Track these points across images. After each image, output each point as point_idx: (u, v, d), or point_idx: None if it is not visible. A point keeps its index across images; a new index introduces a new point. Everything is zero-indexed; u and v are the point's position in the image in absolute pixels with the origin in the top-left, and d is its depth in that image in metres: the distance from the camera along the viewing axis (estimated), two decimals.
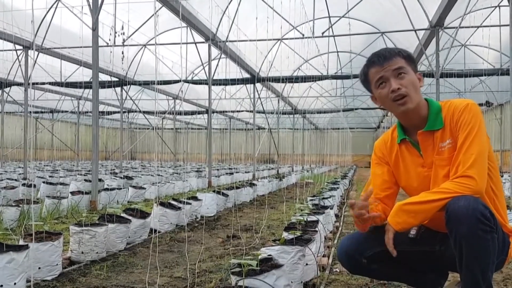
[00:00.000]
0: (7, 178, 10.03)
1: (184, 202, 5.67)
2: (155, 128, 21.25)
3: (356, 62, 15.92)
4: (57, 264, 3.25)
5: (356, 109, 22.35)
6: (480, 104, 17.63)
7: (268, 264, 2.52)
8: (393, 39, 13.67)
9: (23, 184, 7.97)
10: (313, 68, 16.73)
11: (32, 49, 11.93)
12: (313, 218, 4.03)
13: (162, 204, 5.30)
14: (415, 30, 10.98)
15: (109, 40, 11.20)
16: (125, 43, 11.99)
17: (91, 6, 7.06)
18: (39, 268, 3.09)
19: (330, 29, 12.71)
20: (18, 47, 11.98)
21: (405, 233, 2.09)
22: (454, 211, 1.76)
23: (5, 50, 12.59)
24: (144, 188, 8.60)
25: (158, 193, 8.46)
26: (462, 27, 10.78)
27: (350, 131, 29.92)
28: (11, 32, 10.78)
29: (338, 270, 3.47)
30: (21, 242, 3.17)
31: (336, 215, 6.01)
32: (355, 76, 14.21)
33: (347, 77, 15.16)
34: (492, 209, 1.84)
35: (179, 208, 5.44)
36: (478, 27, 11.66)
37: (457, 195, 1.79)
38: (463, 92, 17.48)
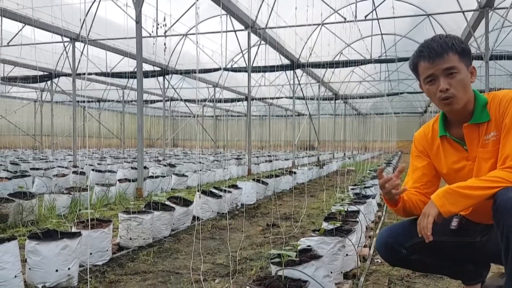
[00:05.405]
0: (58, 166, 10.55)
1: (225, 190, 5.79)
2: (196, 116, 21.60)
3: (401, 45, 15.40)
4: (107, 250, 3.43)
5: (401, 93, 21.57)
6: None
7: (308, 255, 2.55)
8: (440, 21, 13.12)
9: (74, 172, 8.37)
10: (355, 52, 16.37)
11: (79, 40, 12.40)
12: (353, 208, 4.00)
13: (203, 192, 5.44)
14: (463, 12, 10.50)
15: (152, 31, 11.46)
16: (166, 33, 12.21)
17: None
18: (91, 253, 3.27)
19: (374, 11, 12.36)
20: (65, 39, 12.49)
21: (446, 225, 2.06)
22: (503, 202, 1.71)
23: (53, 42, 13.16)
24: (186, 176, 8.82)
25: (200, 180, 8.65)
26: None
27: (395, 116, 29.10)
28: (59, 25, 11.25)
29: (379, 261, 3.45)
30: (74, 229, 3.36)
31: (379, 204, 5.94)
32: (400, 60, 13.76)
33: (391, 60, 14.64)
34: None
35: (220, 196, 5.57)
36: None
37: (509, 184, 1.73)
38: None
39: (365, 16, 12.21)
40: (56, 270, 2.75)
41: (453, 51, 1.86)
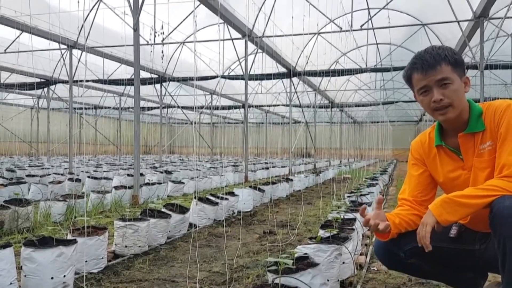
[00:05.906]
0: (54, 173, 10.51)
1: (221, 197, 5.78)
2: (193, 123, 21.62)
3: (397, 54, 15.52)
4: (102, 258, 3.41)
5: (396, 102, 21.77)
6: None
7: (304, 263, 2.55)
8: (435, 31, 13.24)
9: (70, 179, 8.33)
10: (351, 61, 16.47)
11: (77, 48, 12.42)
12: (350, 215, 4.01)
13: (200, 199, 5.42)
14: (458, 22, 10.59)
15: (149, 39, 11.52)
16: (164, 41, 12.26)
17: (132, 7, 7.29)
18: (86, 261, 3.25)
19: (370, 21, 12.46)
20: (63, 46, 12.51)
21: (444, 232, 2.07)
22: (499, 211, 1.73)
23: (50, 50, 13.18)
24: (183, 183, 8.80)
25: (196, 188, 8.63)
26: (509, 17, 10.30)
27: (390, 125, 29.23)
28: (57, 33, 11.27)
29: (375, 269, 3.46)
30: (69, 237, 3.34)
31: None
32: (395, 69, 13.87)
33: (387, 69, 14.77)
34: None
35: (217, 204, 5.56)
36: None
37: (506, 193, 1.75)
38: (509, 84, 16.72)
39: (361, 26, 12.30)
40: (52, 278, 2.73)
41: (446, 62, 1.89)
